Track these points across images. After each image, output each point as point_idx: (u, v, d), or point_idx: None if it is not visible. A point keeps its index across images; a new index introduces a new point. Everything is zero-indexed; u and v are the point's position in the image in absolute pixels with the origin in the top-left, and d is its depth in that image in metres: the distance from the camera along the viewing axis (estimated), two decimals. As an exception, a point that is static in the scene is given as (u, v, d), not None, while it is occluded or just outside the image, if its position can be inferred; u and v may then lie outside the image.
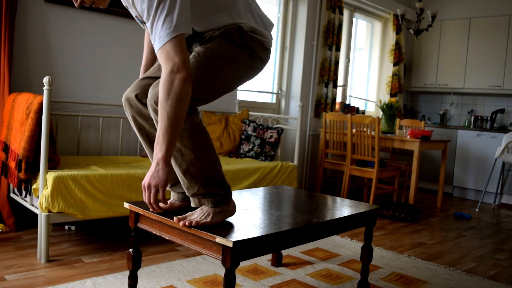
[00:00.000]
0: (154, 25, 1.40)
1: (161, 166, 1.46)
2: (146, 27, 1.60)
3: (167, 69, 1.41)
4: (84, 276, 2.27)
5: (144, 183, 1.50)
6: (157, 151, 1.46)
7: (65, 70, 3.28)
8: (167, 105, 1.41)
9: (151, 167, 1.50)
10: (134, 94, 1.71)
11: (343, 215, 2.01)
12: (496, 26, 5.77)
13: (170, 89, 1.41)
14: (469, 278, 2.68)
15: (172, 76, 1.40)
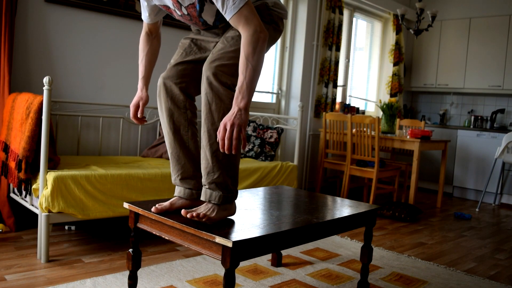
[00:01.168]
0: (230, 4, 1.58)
1: (243, 112, 1.57)
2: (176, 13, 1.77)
3: (251, 30, 1.58)
4: (84, 276, 2.27)
5: (226, 121, 1.56)
6: (238, 101, 1.57)
7: (65, 70, 3.29)
8: (253, 60, 1.58)
9: (230, 112, 1.58)
10: (172, 81, 1.85)
11: (343, 215, 2.01)
12: (496, 26, 5.77)
13: (256, 46, 1.58)
14: (469, 278, 2.68)
15: (257, 35, 1.58)
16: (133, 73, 3.65)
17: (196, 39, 1.94)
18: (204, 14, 1.77)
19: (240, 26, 1.61)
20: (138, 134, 3.70)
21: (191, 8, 1.74)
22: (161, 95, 1.87)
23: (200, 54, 1.90)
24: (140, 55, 2.01)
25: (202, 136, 1.73)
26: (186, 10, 1.76)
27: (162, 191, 2.85)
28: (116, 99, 3.56)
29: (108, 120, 3.53)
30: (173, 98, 1.85)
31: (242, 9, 1.58)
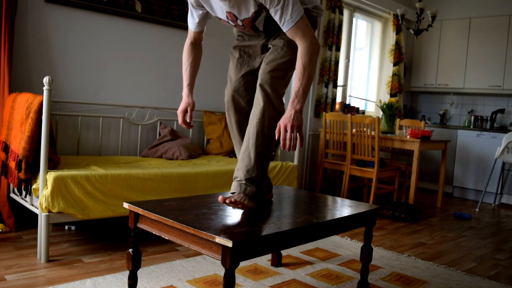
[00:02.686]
0: (284, 8, 1.76)
1: (299, 113, 1.78)
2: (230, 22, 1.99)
3: (307, 42, 1.79)
4: (84, 276, 2.27)
5: (286, 123, 1.77)
6: (295, 104, 1.79)
7: (65, 70, 3.29)
8: (309, 68, 1.80)
9: (286, 113, 1.79)
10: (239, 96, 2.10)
11: (343, 215, 2.01)
12: (496, 26, 5.77)
13: (312, 56, 1.80)
14: (469, 278, 2.68)
15: (313, 47, 1.80)
16: (133, 73, 3.65)
17: (243, 46, 2.18)
18: (257, 23, 1.96)
19: (297, 38, 1.81)
20: (138, 134, 3.70)
21: (246, 20, 1.94)
22: (230, 109, 2.12)
23: (252, 62, 2.13)
24: (185, 64, 2.19)
25: (250, 137, 1.92)
26: (242, 22, 1.97)
27: (162, 191, 2.85)
28: (116, 99, 3.56)
29: (108, 120, 3.53)
30: (240, 111, 2.11)
31: (298, 22, 1.78)
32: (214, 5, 1.95)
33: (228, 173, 3.21)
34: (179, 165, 3.24)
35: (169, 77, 3.88)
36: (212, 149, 3.95)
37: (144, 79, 3.72)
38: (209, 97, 4.19)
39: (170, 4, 3.78)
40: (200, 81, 4.11)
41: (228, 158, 3.77)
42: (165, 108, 3.82)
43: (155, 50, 3.77)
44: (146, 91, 3.74)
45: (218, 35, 4.21)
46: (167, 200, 1.99)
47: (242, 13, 1.91)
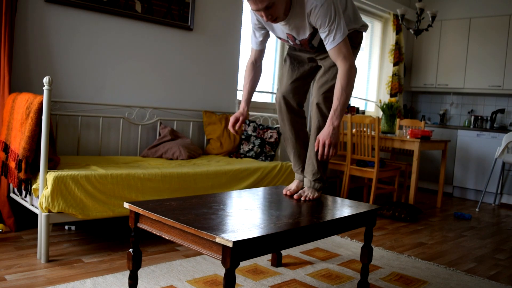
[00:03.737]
0: (331, 31, 2.01)
1: (336, 130, 2.05)
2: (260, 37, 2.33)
3: (347, 65, 2.03)
4: (84, 276, 2.27)
5: (324, 140, 2.05)
6: (333, 121, 2.06)
7: (65, 70, 3.28)
8: (347, 90, 2.04)
9: (325, 128, 2.07)
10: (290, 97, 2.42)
11: (343, 215, 2.01)
12: (496, 26, 5.77)
13: (350, 79, 2.04)
14: (469, 278, 2.68)
15: (351, 70, 2.04)
16: (133, 73, 3.65)
17: (294, 55, 2.43)
18: (313, 41, 2.21)
19: (338, 60, 2.05)
20: (138, 134, 3.70)
21: (304, 40, 2.20)
22: (282, 108, 2.43)
23: (301, 69, 2.42)
24: (245, 81, 2.41)
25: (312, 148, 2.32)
26: (300, 41, 2.23)
27: (162, 191, 2.85)
28: (116, 99, 3.56)
29: (108, 120, 3.53)
30: (293, 111, 2.44)
31: (340, 44, 2.02)
32: (275, 27, 2.23)
33: (228, 173, 3.21)
34: (179, 165, 3.24)
35: (169, 77, 3.88)
36: (212, 149, 3.95)
37: (144, 79, 3.72)
38: (209, 97, 4.19)
39: (170, 4, 3.78)
40: (200, 81, 4.11)
41: (228, 158, 3.77)
42: (165, 108, 3.82)
43: (155, 50, 3.77)
44: (146, 91, 3.74)
45: (218, 36, 4.21)
46: (167, 200, 1.99)
47: (300, 35, 2.18)
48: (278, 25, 2.19)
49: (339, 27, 2.01)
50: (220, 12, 4.20)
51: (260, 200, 2.20)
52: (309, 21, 2.07)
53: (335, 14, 2.00)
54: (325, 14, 1.99)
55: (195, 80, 4.07)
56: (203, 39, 4.09)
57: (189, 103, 4.04)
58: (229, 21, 4.28)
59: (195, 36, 4.03)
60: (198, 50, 4.06)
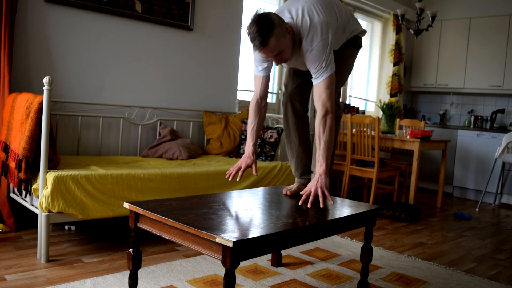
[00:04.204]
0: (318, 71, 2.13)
1: (323, 176, 2.10)
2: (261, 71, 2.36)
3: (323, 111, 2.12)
4: (84, 276, 2.27)
5: (311, 186, 2.10)
6: (318, 168, 2.11)
7: (65, 70, 3.28)
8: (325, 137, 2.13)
9: (314, 178, 2.13)
10: (296, 100, 2.48)
11: (343, 215, 2.01)
12: (496, 26, 5.76)
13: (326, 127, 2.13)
14: (469, 278, 2.68)
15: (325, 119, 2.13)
16: (133, 73, 3.65)
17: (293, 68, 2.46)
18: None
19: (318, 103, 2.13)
20: (138, 134, 3.70)
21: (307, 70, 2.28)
22: (288, 111, 2.49)
23: (301, 79, 2.49)
24: (251, 124, 2.39)
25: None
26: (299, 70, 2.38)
27: (162, 191, 2.85)
28: (116, 99, 3.56)
29: (108, 120, 3.53)
30: (298, 114, 2.49)
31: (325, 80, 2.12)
32: None
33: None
34: (179, 165, 3.24)
35: (169, 77, 3.88)
36: (212, 149, 3.95)
37: (144, 79, 3.72)
38: (209, 97, 4.19)
39: (170, 4, 3.78)
40: (200, 81, 4.11)
41: (228, 158, 3.77)
42: (165, 108, 3.82)
43: (155, 50, 3.77)
44: (146, 91, 3.74)
45: (218, 36, 4.21)
46: (167, 200, 1.99)
47: (302, 67, 2.31)
48: None
49: (327, 66, 2.13)
50: (220, 12, 4.20)
51: (260, 200, 2.20)
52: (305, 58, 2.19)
53: (324, 55, 2.12)
54: (317, 58, 2.12)
55: (195, 80, 4.07)
56: (203, 39, 4.09)
57: (189, 103, 4.03)
58: (229, 21, 4.28)
59: (195, 36, 4.03)
60: (198, 50, 4.06)
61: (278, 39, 2.02)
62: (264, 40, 1.98)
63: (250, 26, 2.00)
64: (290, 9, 2.19)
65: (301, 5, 2.17)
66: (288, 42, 2.09)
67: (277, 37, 2.01)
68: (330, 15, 2.18)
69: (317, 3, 2.18)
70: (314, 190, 2.08)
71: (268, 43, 1.99)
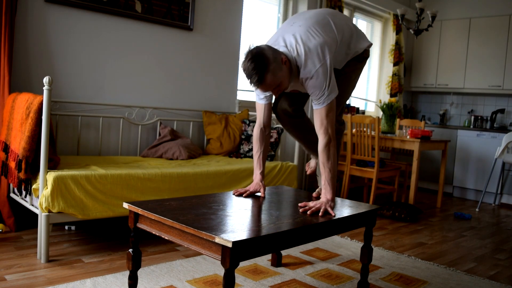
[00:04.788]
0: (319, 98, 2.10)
1: (330, 201, 2.07)
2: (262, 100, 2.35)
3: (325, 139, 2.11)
4: (84, 276, 2.27)
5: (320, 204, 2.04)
6: (325, 194, 2.10)
7: (65, 70, 3.29)
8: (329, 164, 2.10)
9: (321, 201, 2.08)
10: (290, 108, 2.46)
11: (343, 215, 2.01)
12: (496, 26, 5.76)
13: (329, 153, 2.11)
14: (469, 278, 2.68)
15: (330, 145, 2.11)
16: (133, 73, 3.65)
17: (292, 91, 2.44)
18: None
19: (320, 130, 2.12)
20: (138, 134, 3.70)
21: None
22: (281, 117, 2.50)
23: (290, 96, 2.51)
24: (257, 152, 2.38)
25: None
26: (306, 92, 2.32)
27: (162, 191, 2.85)
28: (116, 99, 3.56)
29: (108, 120, 3.53)
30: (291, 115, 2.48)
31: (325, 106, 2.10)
32: None
33: (228, 173, 3.21)
34: (179, 165, 3.24)
35: (169, 77, 3.88)
36: (212, 149, 3.95)
37: (144, 79, 3.72)
38: (209, 97, 4.19)
39: (170, 4, 3.78)
40: (200, 81, 4.11)
41: (228, 158, 3.77)
42: (165, 108, 3.82)
43: (155, 50, 3.77)
44: (146, 91, 3.74)
45: (218, 36, 4.21)
46: (167, 200, 1.99)
47: (301, 90, 2.31)
48: None
49: (328, 96, 2.10)
50: (220, 12, 4.20)
51: (260, 200, 2.20)
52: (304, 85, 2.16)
53: (325, 82, 2.08)
54: (317, 86, 2.09)
55: (195, 80, 4.07)
56: (203, 39, 4.09)
57: (189, 103, 4.04)
58: (229, 21, 4.28)
59: (195, 36, 4.03)
60: (198, 50, 4.06)
61: (275, 74, 1.98)
62: (260, 78, 1.95)
63: (245, 63, 1.97)
64: (284, 36, 2.13)
65: (295, 31, 2.12)
66: (285, 73, 2.05)
67: (273, 72, 1.98)
68: (327, 35, 2.12)
69: (312, 26, 2.13)
70: (323, 210, 2.03)
71: (265, 79, 1.97)
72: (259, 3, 4.78)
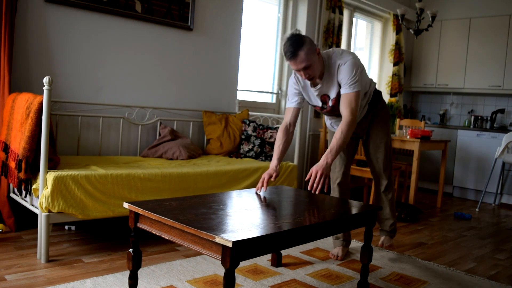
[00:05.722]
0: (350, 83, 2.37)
1: (329, 165, 2.29)
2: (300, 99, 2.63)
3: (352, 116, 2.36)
4: (84, 276, 2.27)
5: (317, 170, 2.25)
6: (328, 157, 2.30)
7: (65, 70, 3.29)
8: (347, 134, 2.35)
9: (320, 162, 2.30)
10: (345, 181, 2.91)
11: (343, 215, 2.01)
12: (496, 26, 5.77)
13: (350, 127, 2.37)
14: (469, 278, 2.68)
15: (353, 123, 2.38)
16: (133, 73, 3.65)
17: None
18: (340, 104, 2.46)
19: (346, 110, 2.38)
20: (138, 134, 3.70)
21: (334, 99, 2.50)
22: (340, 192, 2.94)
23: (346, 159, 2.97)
24: (278, 142, 2.58)
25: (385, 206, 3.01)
26: (332, 101, 2.53)
27: (162, 191, 2.85)
28: (116, 99, 3.56)
29: (108, 120, 3.53)
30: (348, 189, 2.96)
31: (354, 93, 2.37)
32: (310, 93, 2.56)
33: (228, 173, 3.21)
34: (179, 165, 3.24)
35: (169, 77, 3.88)
36: (212, 149, 3.95)
37: (144, 79, 3.72)
38: (209, 97, 4.19)
39: (170, 4, 3.78)
40: (200, 81, 4.11)
41: (228, 158, 3.77)
42: (165, 108, 3.82)
43: (155, 50, 3.77)
44: (146, 91, 3.74)
45: (218, 36, 4.21)
46: (167, 200, 1.99)
47: (331, 93, 2.49)
48: (312, 91, 2.52)
49: (358, 82, 2.38)
50: (220, 12, 4.20)
51: (260, 200, 2.20)
52: (337, 79, 2.42)
53: (356, 71, 2.38)
54: (349, 71, 2.38)
55: (195, 80, 4.07)
56: (203, 39, 4.09)
57: (189, 103, 4.04)
58: (229, 21, 4.28)
59: (195, 36, 4.03)
60: (198, 50, 4.06)
61: (308, 53, 2.27)
62: (295, 51, 2.24)
63: (285, 43, 2.27)
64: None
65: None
66: (317, 60, 2.34)
67: (307, 51, 2.26)
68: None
69: None
70: (320, 175, 2.25)
71: (298, 54, 2.25)
72: (259, 3, 4.78)
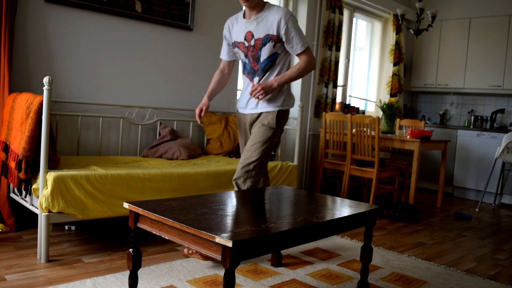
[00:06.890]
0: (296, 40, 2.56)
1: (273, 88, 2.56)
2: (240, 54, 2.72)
3: (309, 57, 2.60)
4: (84, 276, 2.27)
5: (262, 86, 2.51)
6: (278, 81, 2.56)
7: (65, 70, 3.29)
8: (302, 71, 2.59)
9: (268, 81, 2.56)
10: None
11: (343, 215, 2.01)
12: (496, 26, 5.77)
13: (308, 67, 2.60)
14: (469, 278, 2.68)
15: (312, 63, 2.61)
16: (133, 73, 3.65)
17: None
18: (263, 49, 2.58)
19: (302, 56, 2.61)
20: (138, 134, 3.70)
21: (259, 41, 2.57)
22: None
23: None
24: (213, 80, 2.85)
25: None
26: (254, 41, 2.59)
27: (162, 191, 2.85)
28: (116, 99, 3.56)
29: (108, 120, 3.53)
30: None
31: (307, 48, 2.60)
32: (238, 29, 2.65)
33: (228, 173, 3.21)
34: (179, 165, 3.24)
35: (169, 77, 3.88)
36: (212, 149, 3.95)
37: (144, 79, 3.72)
38: (209, 97, 4.18)
39: (170, 4, 3.78)
40: (200, 81, 4.11)
41: (228, 158, 3.77)
42: (165, 108, 3.82)
43: (155, 50, 3.77)
44: (146, 91, 3.74)
45: (218, 36, 4.21)
46: (167, 200, 1.99)
47: (258, 33, 2.57)
48: (242, 23, 2.63)
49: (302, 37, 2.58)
50: (220, 12, 4.20)
51: (260, 200, 2.20)
52: (278, 25, 2.52)
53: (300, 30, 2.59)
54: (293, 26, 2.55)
55: (195, 80, 4.07)
56: (203, 39, 4.09)
57: (189, 103, 4.04)
58: (229, 21, 4.28)
59: (195, 36, 4.03)
60: (198, 50, 4.06)
61: None
62: None
63: None
64: None
65: None
66: None
67: None
68: None
69: None
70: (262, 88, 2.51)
71: None
72: (259, 3, 4.78)
